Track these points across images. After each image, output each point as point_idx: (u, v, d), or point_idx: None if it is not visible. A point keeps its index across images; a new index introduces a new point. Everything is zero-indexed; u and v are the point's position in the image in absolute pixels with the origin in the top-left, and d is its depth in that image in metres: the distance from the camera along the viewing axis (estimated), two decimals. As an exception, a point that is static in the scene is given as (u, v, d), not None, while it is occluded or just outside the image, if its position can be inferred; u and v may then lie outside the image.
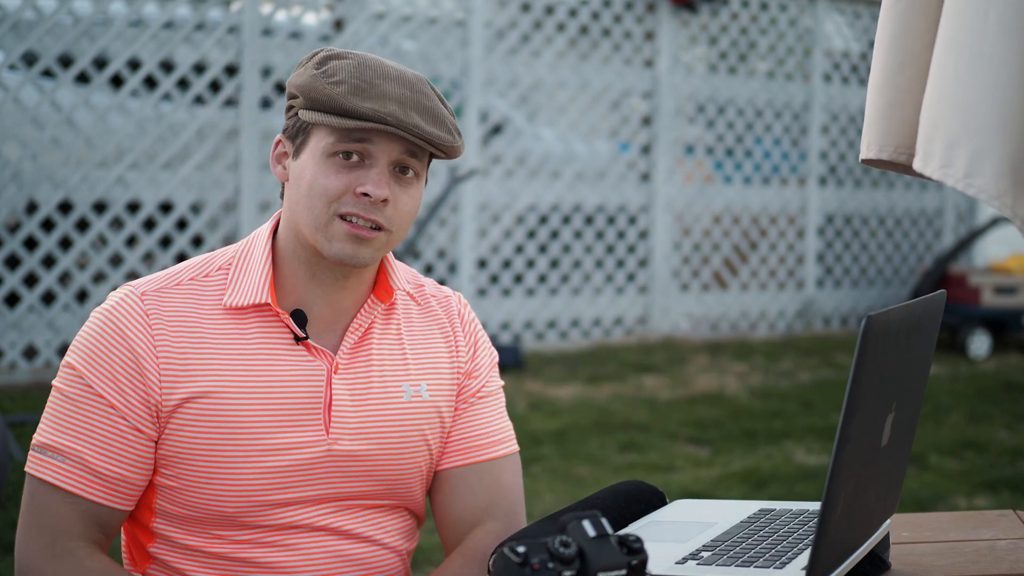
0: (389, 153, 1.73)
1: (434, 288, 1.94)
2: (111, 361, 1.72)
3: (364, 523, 1.82)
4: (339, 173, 1.72)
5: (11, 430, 5.09)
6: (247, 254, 1.81)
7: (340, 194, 1.72)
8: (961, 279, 8.36)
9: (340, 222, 1.72)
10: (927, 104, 1.80)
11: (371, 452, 1.80)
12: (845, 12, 9.16)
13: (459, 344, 1.91)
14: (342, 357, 1.79)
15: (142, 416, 1.72)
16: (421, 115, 1.72)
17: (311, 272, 1.78)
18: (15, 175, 6.33)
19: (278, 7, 7.05)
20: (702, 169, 8.79)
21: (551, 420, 6.02)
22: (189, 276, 1.79)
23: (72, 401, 1.73)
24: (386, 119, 1.69)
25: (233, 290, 1.77)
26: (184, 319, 1.75)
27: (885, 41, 1.91)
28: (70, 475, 1.71)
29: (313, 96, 1.72)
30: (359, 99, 1.70)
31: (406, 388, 1.83)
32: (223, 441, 1.73)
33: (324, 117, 1.71)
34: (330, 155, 1.73)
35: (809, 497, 4.63)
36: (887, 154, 1.92)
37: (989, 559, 1.73)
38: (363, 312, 1.82)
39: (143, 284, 1.78)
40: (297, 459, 1.75)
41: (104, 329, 1.74)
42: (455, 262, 7.77)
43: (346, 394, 1.78)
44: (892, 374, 1.48)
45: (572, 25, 8.05)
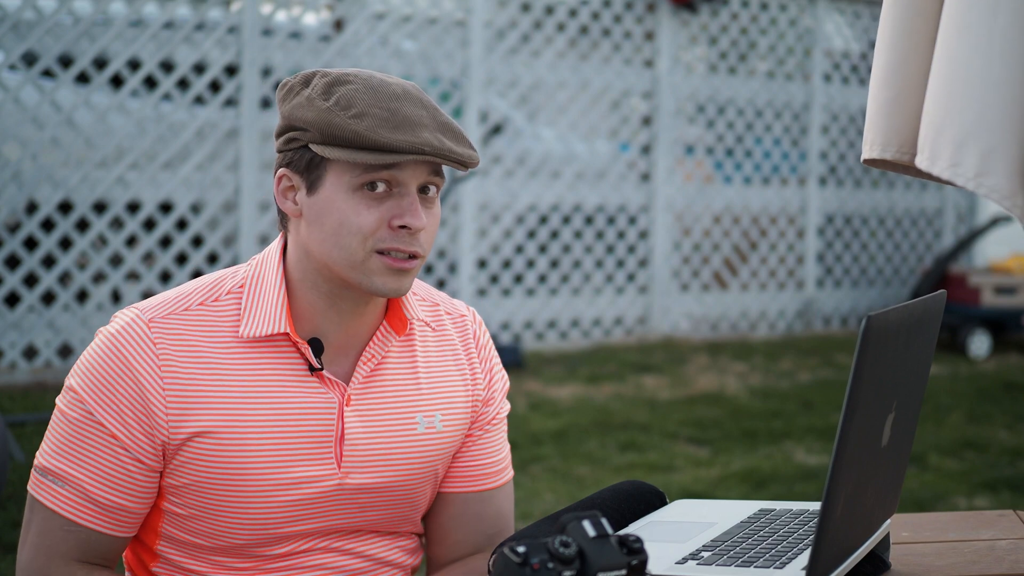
0: (417, 178, 1.67)
1: (448, 306, 1.88)
2: (115, 391, 1.66)
3: (370, 547, 1.81)
4: (370, 208, 1.65)
5: (11, 430, 5.09)
6: (259, 279, 1.73)
7: (375, 229, 1.65)
8: (961, 279, 8.36)
9: (377, 257, 1.65)
10: (932, 102, 1.78)
11: (382, 485, 1.76)
12: (845, 12, 9.16)
13: (475, 372, 1.86)
14: (354, 388, 1.74)
15: (146, 449, 1.67)
16: (446, 135, 1.66)
17: (331, 301, 1.72)
18: (15, 175, 6.33)
19: (278, 7, 7.05)
20: (702, 169, 8.79)
21: (551, 420, 6.02)
22: (199, 301, 1.72)
23: (74, 426, 1.68)
24: (423, 149, 1.62)
25: (249, 319, 1.70)
26: (193, 349, 1.68)
27: (887, 39, 1.90)
28: (70, 503, 1.68)
29: (333, 132, 1.63)
30: (389, 131, 1.62)
31: (420, 420, 1.78)
32: (232, 476, 1.68)
33: (353, 154, 1.62)
34: (356, 189, 1.65)
35: (809, 497, 4.63)
36: (890, 154, 1.91)
37: (989, 559, 1.73)
38: (376, 341, 1.75)
39: (151, 309, 1.70)
40: (308, 493, 1.71)
41: (109, 356, 1.67)
42: (455, 262, 7.77)
43: (358, 426, 1.74)
44: (892, 374, 1.48)
45: (572, 25, 8.05)
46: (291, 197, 1.71)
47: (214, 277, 1.76)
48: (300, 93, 1.68)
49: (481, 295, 7.88)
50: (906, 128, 1.89)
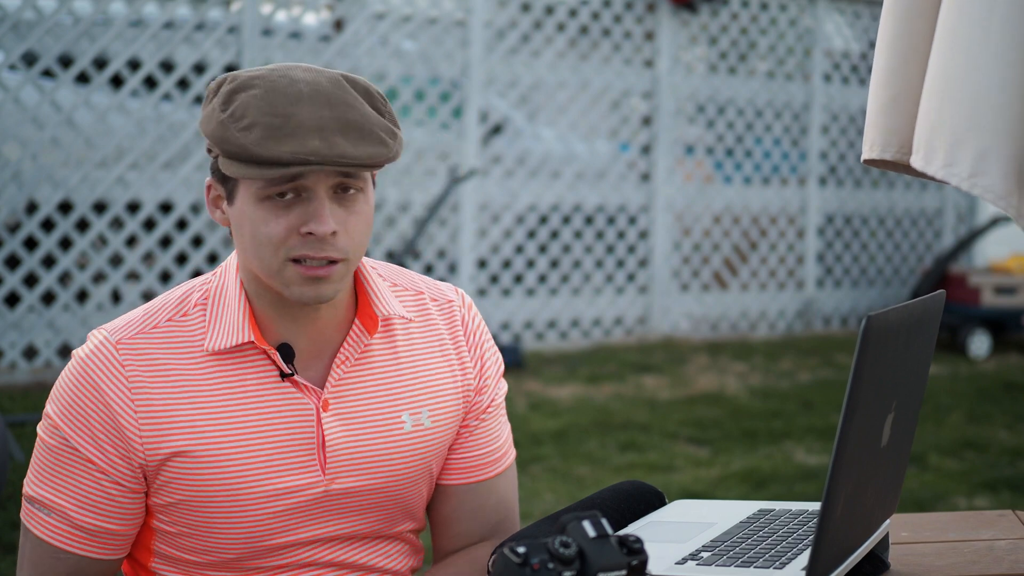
0: (325, 182, 1.60)
1: (434, 291, 1.83)
2: (88, 417, 1.64)
3: (368, 554, 1.78)
4: (279, 217, 1.60)
5: (11, 430, 5.09)
6: (221, 290, 1.70)
7: (285, 238, 1.60)
8: (961, 279, 8.36)
9: (293, 266, 1.61)
10: (928, 102, 1.78)
11: (372, 487, 1.73)
12: (845, 12, 9.16)
13: (464, 360, 1.81)
14: (330, 392, 1.70)
15: (125, 472, 1.65)
16: (345, 136, 1.57)
17: (280, 311, 1.68)
18: (15, 175, 6.33)
19: (278, 7, 7.05)
20: (702, 169, 8.79)
21: (551, 420, 6.02)
22: (167, 317, 1.69)
23: (54, 454, 1.67)
24: (308, 159, 1.55)
25: (213, 332, 1.67)
26: (163, 368, 1.65)
27: (887, 39, 1.90)
28: (57, 530, 1.67)
29: (226, 148, 1.58)
30: (275, 143, 1.55)
31: (406, 418, 1.74)
32: (216, 492, 1.66)
33: (243, 169, 1.57)
34: (264, 199, 1.60)
35: (809, 497, 4.63)
36: (890, 154, 1.90)
37: (989, 559, 1.73)
38: (348, 343, 1.71)
39: (119, 331, 1.67)
40: (295, 502, 1.69)
41: (80, 382, 1.65)
42: (455, 262, 7.77)
43: (340, 431, 1.70)
44: (892, 374, 1.48)
45: (572, 25, 8.05)
46: (220, 207, 1.69)
47: (182, 290, 1.73)
48: (208, 103, 1.64)
49: (481, 295, 7.87)
50: (906, 128, 1.89)
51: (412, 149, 7.55)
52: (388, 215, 7.54)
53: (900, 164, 1.93)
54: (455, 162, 7.70)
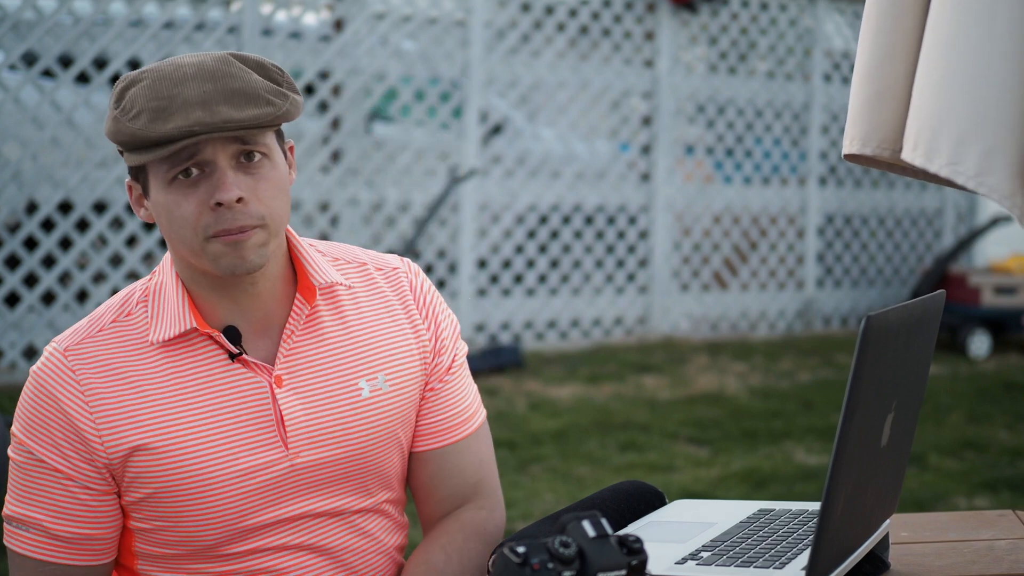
0: (223, 152, 1.64)
1: (378, 262, 1.85)
2: (47, 427, 1.68)
3: (349, 533, 1.78)
4: (188, 196, 1.63)
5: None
6: (160, 285, 1.74)
7: (198, 214, 1.63)
8: (961, 279, 8.36)
9: (214, 240, 1.64)
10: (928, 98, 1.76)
11: (337, 457, 1.74)
12: (845, 12, 9.16)
13: (416, 323, 1.82)
14: (281, 367, 1.72)
15: (91, 475, 1.68)
16: (229, 102, 1.61)
17: (217, 292, 1.71)
18: (15, 175, 6.33)
19: (278, 7, 7.05)
20: (702, 169, 8.79)
21: (551, 420, 6.02)
22: (111, 319, 1.72)
23: (23, 469, 1.70)
24: (194, 130, 1.59)
25: (157, 325, 1.70)
26: (113, 367, 1.69)
27: (870, 34, 1.88)
28: (36, 544, 1.70)
29: (123, 140, 1.63)
30: (161, 123, 1.59)
31: (363, 385, 1.75)
32: (183, 480, 1.68)
33: (141, 156, 1.63)
34: (171, 182, 1.64)
35: (809, 497, 4.63)
36: (870, 149, 1.88)
37: (989, 559, 1.73)
38: (293, 318, 1.73)
39: (66, 338, 1.71)
40: (262, 480, 1.70)
41: (36, 394, 1.69)
42: (455, 262, 7.77)
43: (296, 405, 1.71)
44: (892, 374, 1.48)
45: (572, 25, 8.05)
46: (143, 204, 1.72)
47: (124, 292, 1.77)
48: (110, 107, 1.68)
49: (481, 295, 7.88)
50: (889, 124, 1.87)
51: (412, 149, 7.55)
52: (388, 215, 7.54)
53: (882, 160, 1.91)
54: (455, 162, 7.70)
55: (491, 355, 7.11)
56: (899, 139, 1.85)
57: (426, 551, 1.79)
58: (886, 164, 1.92)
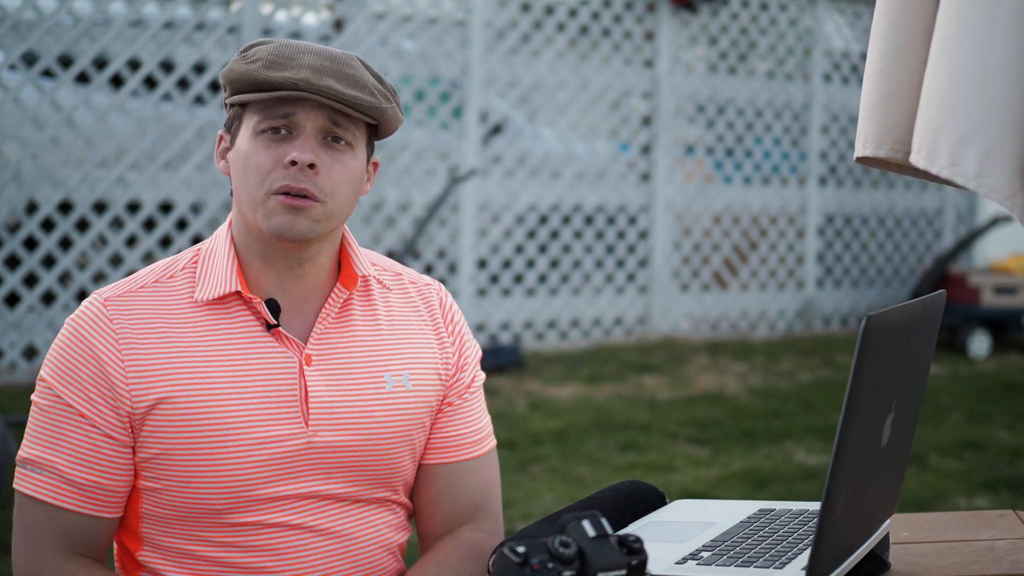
0: (314, 121, 1.73)
1: (413, 276, 1.92)
2: (78, 371, 1.72)
3: (352, 522, 1.80)
4: (268, 149, 1.73)
5: (11, 430, 5.09)
6: (212, 249, 1.81)
7: (271, 168, 1.72)
8: (961, 279, 8.36)
9: (275, 197, 1.72)
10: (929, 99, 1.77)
11: (353, 444, 1.78)
12: (845, 12, 9.16)
13: (442, 336, 1.88)
14: (312, 347, 1.77)
15: (113, 424, 1.71)
16: (337, 79, 1.72)
17: (266, 262, 1.78)
18: (15, 175, 6.33)
19: (278, 7, 7.05)
20: (702, 169, 8.79)
21: (551, 420, 6.02)
22: (153, 279, 1.79)
23: (46, 414, 1.73)
24: (298, 84, 1.70)
25: (203, 285, 1.77)
26: (150, 321, 1.74)
27: (880, 36, 1.88)
28: (49, 487, 1.72)
29: (233, 79, 1.75)
30: (272, 71, 1.71)
31: (387, 378, 1.81)
32: (200, 439, 1.71)
33: (241, 96, 1.74)
34: (259, 133, 1.74)
35: (809, 497, 4.63)
36: (883, 152, 1.89)
37: (989, 559, 1.73)
38: (331, 301, 1.80)
39: (107, 291, 1.78)
40: (277, 452, 1.73)
41: (70, 340, 1.75)
42: (455, 262, 7.77)
43: (322, 384, 1.76)
44: (892, 374, 1.48)
45: (572, 25, 8.05)
46: (225, 156, 1.82)
47: (169, 259, 1.84)
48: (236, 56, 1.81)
49: (481, 295, 7.88)
50: (900, 126, 1.87)
51: (412, 149, 7.55)
52: (388, 215, 7.54)
53: (894, 162, 1.92)
54: (455, 162, 7.70)
55: (491, 355, 7.10)
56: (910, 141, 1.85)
57: (422, 568, 1.82)
58: (897, 166, 1.92)
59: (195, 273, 1.79)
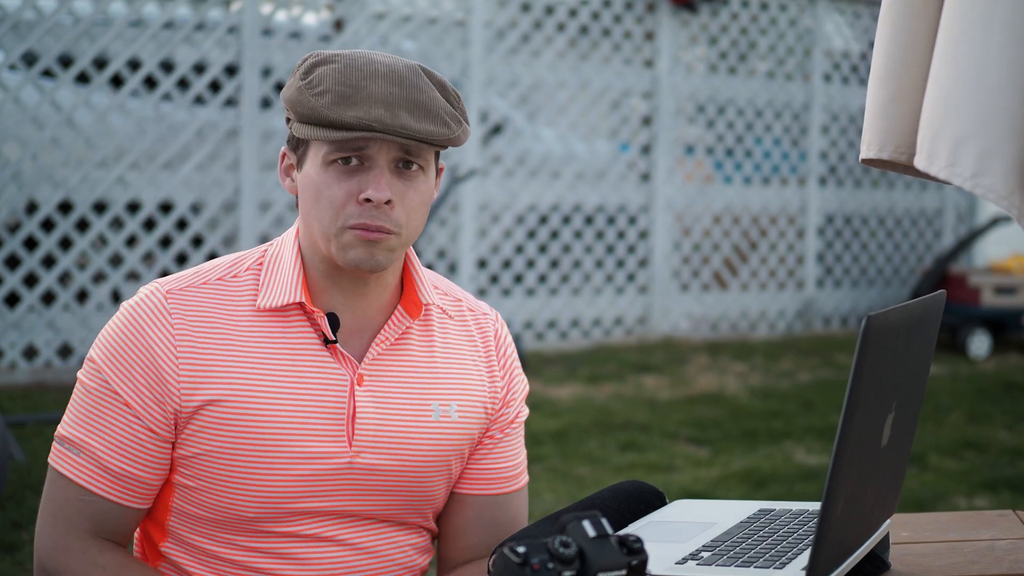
0: (387, 153, 1.70)
1: (472, 303, 1.90)
2: (130, 360, 1.71)
3: (380, 540, 1.80)
4: (340, 181, 1.69)
5: (11, 430, 5.09)
6: (277, 256, 1.78)
7: (344, 202, 1.69)
8: (961, 279, 8.36)
9: (350, 230, 1.69)
10: (930, 102, 1.78)
11: (394, 468, 1.76)
12: (845, 12, 9.16)
13: (493, 369, 1.87)
14: (366, 368, 1.75)
15: (157, 418, 1.70)
16: (410, 112, 1.67)
17: (332, 280, 1.75)
18: (15, 175, 6.33)
19: (278, 7, 7.05)
20: (702, 169, 8.79)
21: (551, 420, 6.02)
22: (217, 276, 1.77)
23: (92, 396, 1.72)
24: (372, 126, 1.65)
25: (267, 292, 1.74)
26: (208, 319, 1.73)
27: (885, 39, 1.89)
28: (85, 471, 1.71)
29: (300, 111, 1.70)
30: (343, 108, 1.66)
31: (435, 407, 1.79)
32: (244, 445, 1.70)
33: (312, 131, 1.69)
34: (329, 164, 1.70)
35: (809, 497, 4.63)
36: (887, 153, 1.90)
37: (989, 559, 1.73)
38: (391, 324, 1.77)
39: (170, 282, 1.75)
40: (318, 469, 1.72)
41: (127, 326, 1.72)
42: (455, 262, 7.77)
43: (371, 406, 1.75)
44: (892, 374, 1.48)
45: (572, 25, 8.05)
46: (291, 175, 1.78)
47: (234, 256, 1.81)
48: (292, 76, 1.75)
49: (481, 295, 7.87)
50: (904, 128, 1.88)
51: (412, 149, 7.54)
52: (388, 215, 7.53)
53: (899, 164, 1.93)
54: (455, 162, 7.70)
55: (491, 355, 7.10)
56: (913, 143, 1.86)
57: None
58: (903, 167, 1.93)
59: (259, 277, 1.77)
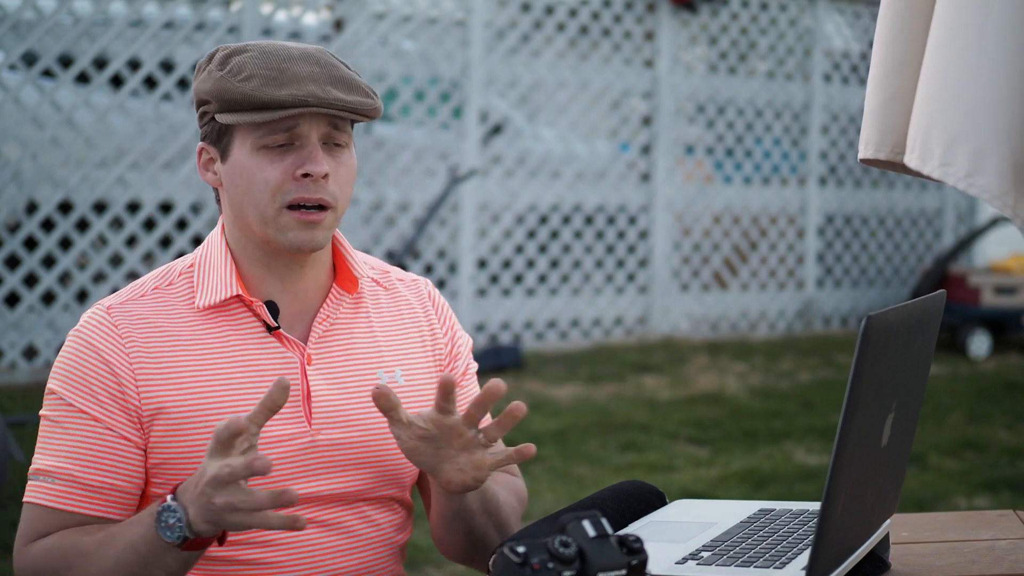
0: (317, 129, 1.73)
1: (400, 273, 1.95)
2: (87, 377, 1.73)
3: (356, 520, 1.81)
4: (274, 163, 1.72)
5: (11, 430, 5.09)
6: (207, 255, 1.81)
7: (281, 182, 1.72)
8: (961, 279, 8.36)
9: (288, 212, 1.73)
10: (923, 101, 1.78)
11: (355, 441, 1.79)
12: (845, 12, 9.16)
13: (434, 329, 1.91)
14: (313, 347, 1.79)
15: (125, 424, 1.72)
16: (336, 87, 1.72)
17: (267, 266, 1.79)
18: (15, 175, 6.33)
19: (278, 7, 7.05)
20: (702, 169, 8.79)
21: (551, 420, 6.02)
22: (152, 286, 1.80)
23: (57, 424, 1.73)
24: (307, 100, 1.69)
25: (203, 291, 1.78)
26: (153, 327, 1.75)
27: (883, 40, 1.90)
28: (62, 494, 1.71)
29: (227, 98, 1.71)
30: (275, 88, 1.69)
31: (380, 375, 1.83)
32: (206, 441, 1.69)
33: (245, 116, 1.71)
34: (260, 148, 1.73)
35: (809, 497, 4.63)
36: (884, 154, 1.91)
37: (989, 559, 1.73)
38: (330, 302, 1.82)
39: (108, 300, 1.79)
40: (282, 453, 1.74)
41: (78, 349, 1.75)
42: (455, 262, 7.76)
43: (323, 384, 1.78)
44: (892, 374, 1.48)
45: (572, 25, 8.05)
46: (211, 168, 1.80)
47: (163, 268, 1.85)
48: (203, 70, 1.77)
49: (481, 295, 7.87)
50: (901, 128, 1.89)
51: (412, 149, 7.55)
52: (388, 215, 7.53)
53: (897, 164, 1.93)
54: (455, 162, 7.70)
55: (491, 355, 7.10)
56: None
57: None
58: (901, 167, 1.93)
59: (192, 280, 1.80)
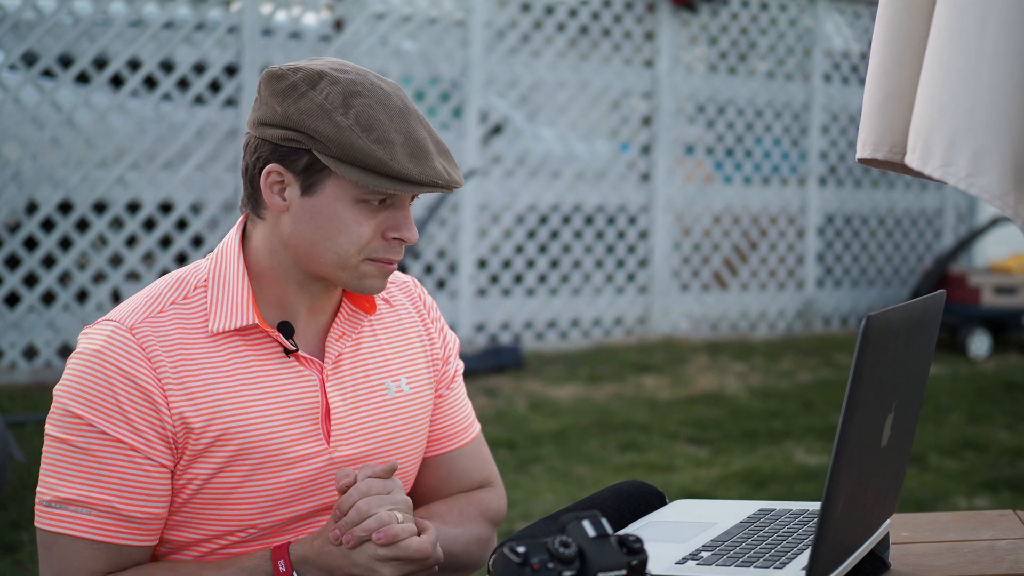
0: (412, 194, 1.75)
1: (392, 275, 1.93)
2: (116, 399, 1.66)
3: None
4: (368, 219, 1.71)
5: (11, 430, 5.08)
6: (221, 272, 1.76)
7: (370, 240, 1.71)
8: (961, 279, 8.36)
9: (370, 263, 1.73)
10: (924, 101, 1.78)
11: (368, 454, 1.80)
12: (845, 12, 9.16)
13: (431, 332, 1.94)
14: (329, 364, 1.79)
15: (162, 451, 1.69)
16: (446, 159, 1.72)
17: (302, 288, 1.77)
18: (15, 175, 6.33)
19: (278, 7, 7.05)
20: (702, 169, 8.78)
21: (551, 420, 6.02)
22: (170, 300, 1.74)
23: (87, 452, 1.66)
24: (437, 182, 1.69)
25: (216, 314, 1.73)
26: (178, 347, 1.70)
27: (882, 39, 1.90)
28: (100, 525, 1.67)
29: (353, 154, 1.66)
30: (410, 163, 1.67)
31: (388, 385, 1.85)
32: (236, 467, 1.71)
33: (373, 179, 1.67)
34: (359, 201, 1.70)
35: (809, 497, 4.63)
36: (882, 154, 1.91)
37: (989, 559, 1.73)
38: (343, 319, 1.82)
39: (128, 317, 1.71)
40: (302, 472, 1.74)
41: (104, 372, 1.67)
42: (455, 262, 7.76)
43: (339, 400, 1.79)
44: (892, 374, 1.48)
45: (572, 25, 8.05)
46: (278, 192, 1.72)
47: (176, 276, 1.79)
48: (307, 96, 1.68)
49: (481, 295, 7.87)
50: (900, 128, 1.89)
51: (412, 149, 7.54)
52: (388, 215, 7.52)
53: (896, 164, 1.93)
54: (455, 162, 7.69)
55: (491, 355, 7.10)
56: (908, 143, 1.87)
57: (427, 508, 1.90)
58: (900, 167, 1.93)
59: (206, 298, 1.75)
